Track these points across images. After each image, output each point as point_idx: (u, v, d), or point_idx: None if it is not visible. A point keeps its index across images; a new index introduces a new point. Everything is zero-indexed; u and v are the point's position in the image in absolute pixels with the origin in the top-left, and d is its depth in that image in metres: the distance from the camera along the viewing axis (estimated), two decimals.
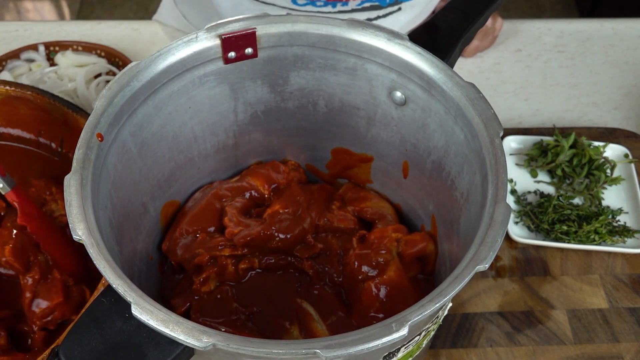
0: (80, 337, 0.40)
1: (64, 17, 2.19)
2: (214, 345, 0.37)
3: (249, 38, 0.54)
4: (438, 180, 0.58)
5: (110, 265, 0.41)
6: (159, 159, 0.58)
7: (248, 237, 0.59)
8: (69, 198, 0.43)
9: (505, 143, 0.83)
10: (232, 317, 0.56)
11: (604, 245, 0.75)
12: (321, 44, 0.55)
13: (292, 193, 0.63)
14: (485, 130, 0.49)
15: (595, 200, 0.78)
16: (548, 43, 1.00)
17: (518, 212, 0.78)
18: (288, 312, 0.58)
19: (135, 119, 0.52)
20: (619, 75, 0.96)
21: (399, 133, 0.60)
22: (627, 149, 0.82)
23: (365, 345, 0.38)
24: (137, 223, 0.57)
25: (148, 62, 0.51)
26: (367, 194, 0.66)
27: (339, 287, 0.60)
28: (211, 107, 0.59)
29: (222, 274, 0.59)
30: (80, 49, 0.90)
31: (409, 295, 0.56)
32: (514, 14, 2.24)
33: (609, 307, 0.72)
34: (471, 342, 0.69)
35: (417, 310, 0.39)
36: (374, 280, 0.57)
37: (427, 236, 0.60)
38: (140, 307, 0.39)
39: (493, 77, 0.96)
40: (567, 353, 0.68)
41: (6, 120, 0.70)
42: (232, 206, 0.62)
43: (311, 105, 0.62)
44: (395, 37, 0.53)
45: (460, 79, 0.51)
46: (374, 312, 0.56)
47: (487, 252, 0.42)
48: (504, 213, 0.44)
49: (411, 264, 0.60)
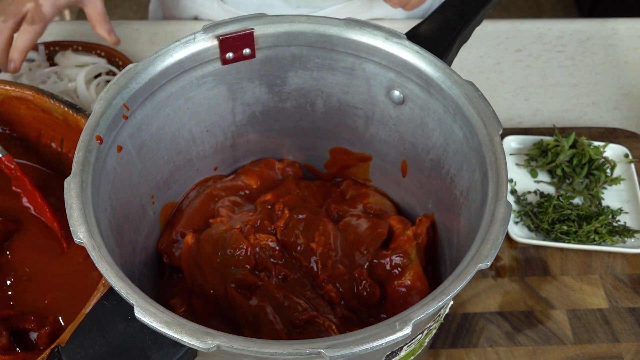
0: (83, 341, 0.40)
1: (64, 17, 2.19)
2: (217, 347, 0.37)
3: (247, 38, 0.54)
4: (437, 179, 0.57)
5: (112, 268, 0.41)
6: (157, 161, 0.58)
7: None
8: (70, 201, 0.43)
9: (505, 143, 0.83)
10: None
11: (604, 245, 0.75)
12: (319, 44, 0.55)
13: (286, 187, 0.63)
14: (484, 128, 0.49)
15: (595, 200, 0.78)
16: (548, 43, 0.99)
17: (518, 212, 0.78)
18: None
19: (133, 120, 0.52)
20: (619, 75, 0.96)
21: (397, 132, 0.60)
22: (627, 149, 0.82)
23: (369, 345, 0.38)
24: (137, 225, 0.57)
25: (146, 64, 0.51)
26: (368, 191, 0.66)
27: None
28: (209, 108, 0.59)
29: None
30: (80, 49, 0.90)
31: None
32: (514, 14, 2.24)
33: (609, 307, 0.71)
34: (471, 342, 0.69)
35: (420, 309, 0.39)
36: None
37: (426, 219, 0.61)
38: (144, 310, 0.39)
39: (493, 77, 0.96)
40: (567, 353, 0.68)
41: (6, 120, 0.70)
42: (223, 206, 0.62)
43: (309, 105, 0.62)
44: (393, 36, 0.53)
45: (459, 77, 0.51)
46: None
47: (489, 249, 0.42)
48: (505, 211, 0.44)
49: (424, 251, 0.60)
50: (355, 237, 0.60)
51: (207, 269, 0.57)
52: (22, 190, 0.69)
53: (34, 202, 0.69)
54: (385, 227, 0.60)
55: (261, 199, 0.63)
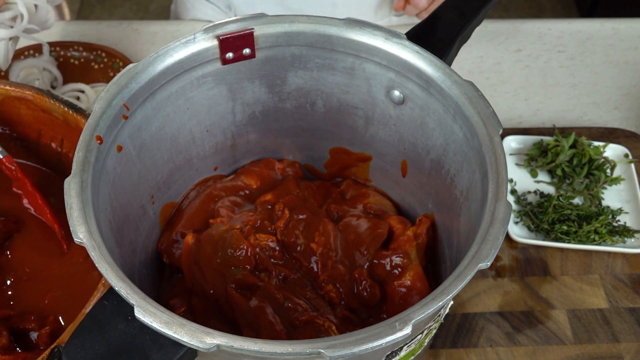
0: (83, 341, 0.40)
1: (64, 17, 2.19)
2: (217, 347, 0.37)
3: (247, 39, 0.54)
4: (437, 179, 0.57)
5: (112, 268, 0.41)
6: (157, 161, 0.58)
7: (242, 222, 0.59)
8: (70, 201, 0.43)
9: (505, 143, 0.83)
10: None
11: (604, 245, 0.75)
12: (319, 44, 0.55)
13: (286, 187, 0.63)
14: (484, 128, 0.49)
15: (595, 200, 0.78)
16: (548, 43, 1.00)
17: (518, 212, 0.78)
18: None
19: (133, 120, 0.52)
20: (619, 75, 0.96)
21: (397, 132, 0.60)
22: (627, 149, 0.82)
23: (369, 345, 0.38)
24: (137, 225, 0.57)
25: (146, 64, 0.51)
26: (368, 191, 0.66)
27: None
28: (209, 108, 0.59)
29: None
30: (81, 49, 0.91)
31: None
32: (514, 14, 2.24)
33: (609, 307, 0.71)
34: (471, 342, 0.69)
35: (420, 309, 0.39)
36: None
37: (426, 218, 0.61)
38: (144, 310, 0.39)
39: (493, 77, 0.96)
40: (567, 353, 0.68)
41: (6, 120, 0.70)
42: (223, 207, 0.62)
43: (309, 105, 0.62)
44: (393, 36, 0.53)
45: (459, 77, 0.51)
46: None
47: (489, 249, 0.42)
48: (505, 211, 0.44)
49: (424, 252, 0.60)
50: (355, 237, 0.60)
51: (207, 269, 0.57)
52: (22, 192, 0.69)
53: (34, 203, 0.69)
54: (385, 227, 0.60)
55: (261, 199, 0.63)
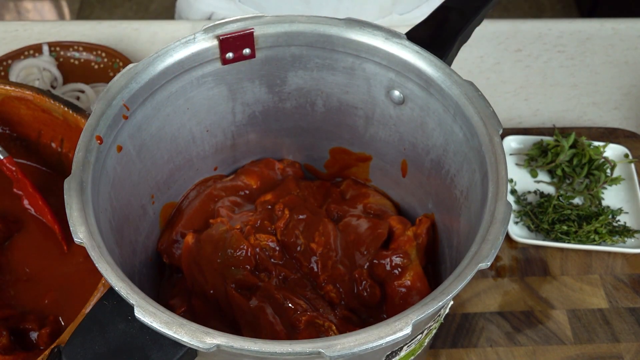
0: (82, 341, 0.40)
1: (64, 17, 2.19)
2: (217, 347, 0.37)
3: (247, 38, 0.54)
4: (437, 179, 0.57)
5: (112, 268, 0.41)
6: (157, 161, 0.58)
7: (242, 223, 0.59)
8: (70, 201, 0.43)
9: (505, 143, 0.83)
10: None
11: (604, 245, 0.75)
12: (319, 44, 0.55)
13: (286, 187, 0.63)
14: (484, 128, 0.49)
15: (595, 200, 0.78)
16: (548, 43, 0.99)
17: (518, 212, 0.78)
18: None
19: (133, 120, 0.52)
20: (619, 75, 0.96)
21: (397, 132, 0.60)
22: (627, 149, 0.82)
23: (369, 345, 0.38)
24: (137, 225, 0.57)
25: (146, 64, 0.51)
26: (368, 191, 0.66)
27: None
28: (209, 108, 0.59)
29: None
30: (81, 49, 0.91)
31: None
32: (514, 14, 2.24)
33: (609, 307, 0.71)
34: (471, 342, 0.69)
35: (420, 309, 0.39)
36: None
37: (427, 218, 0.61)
38: (144, 310, 0.39)
39: (493, 77, 0.96)
40: (567, 353, 0.68)
41: (6, 120, 0.70)
42: (223, 207, 0.62)
43: (309, 105, 0.62)
44: (393, 36, 0.53)
45: (459, 77, 0.51)
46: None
47: (488, 249, 0.42)
48: (505, 210, 0.44)
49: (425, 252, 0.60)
50: (355, 237, 0.60)
51: (207, 269, 0.57)
52: (23, 193, 0.69)
53: (35, 204, 0.69)
54: (385, 227, 0.60)
55: (261, 199, 0.63)
